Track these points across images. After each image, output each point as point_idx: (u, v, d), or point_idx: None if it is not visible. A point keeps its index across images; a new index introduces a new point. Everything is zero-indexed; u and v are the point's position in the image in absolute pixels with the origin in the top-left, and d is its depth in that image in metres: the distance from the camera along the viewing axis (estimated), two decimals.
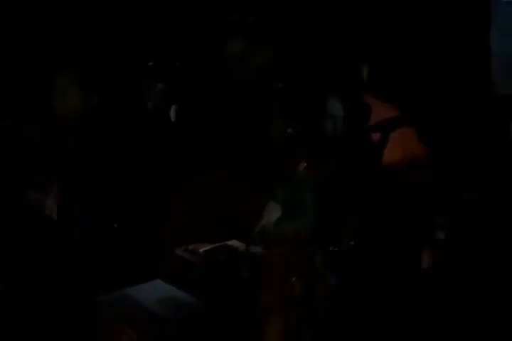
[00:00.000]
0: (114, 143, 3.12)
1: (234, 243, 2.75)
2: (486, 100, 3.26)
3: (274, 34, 3.49)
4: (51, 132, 3.11)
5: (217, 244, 2.73)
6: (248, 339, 2.33)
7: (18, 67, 3.50)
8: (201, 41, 3.73)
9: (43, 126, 3.14)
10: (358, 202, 2.73)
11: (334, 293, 2.42)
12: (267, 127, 3.12)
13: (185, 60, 3.74)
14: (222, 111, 3.34)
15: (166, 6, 3.74)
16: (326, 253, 2.50)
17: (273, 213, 2.77)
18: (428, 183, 2.89)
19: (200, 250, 2.69)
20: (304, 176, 2.77)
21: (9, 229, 2.94)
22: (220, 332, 2.30)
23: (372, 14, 3.52)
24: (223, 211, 2.97)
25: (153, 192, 3.11)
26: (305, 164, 2.75)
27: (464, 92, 3.30)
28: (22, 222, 2.98)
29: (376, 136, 2.95)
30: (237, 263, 2.56)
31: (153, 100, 3.49)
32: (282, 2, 3.59)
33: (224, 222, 2.92)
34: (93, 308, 2.46)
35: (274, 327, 2.28)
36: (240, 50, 3.36)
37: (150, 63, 3.58)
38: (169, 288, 2.50)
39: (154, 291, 2.47)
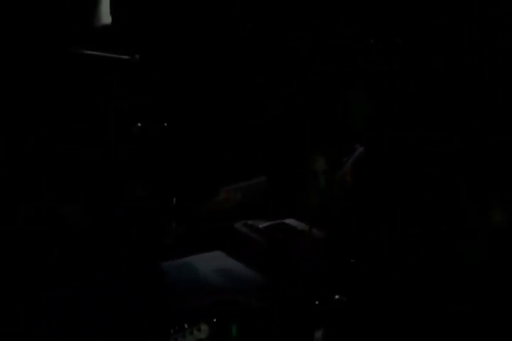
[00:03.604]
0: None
1: (291, 221, 2.78)
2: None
3: None
4: None
5: (275, 221, 2.75)
6: (300, 314, 2.37)
7: None
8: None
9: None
10: None
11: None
12: None
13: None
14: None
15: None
16: None
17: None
18: None
19: (259, 226, 2.72)
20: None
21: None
22: (272, 303, 2.33)
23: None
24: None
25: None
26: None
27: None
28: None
29: None
30: (293, 241, 2.61)
31: None
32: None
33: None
34: (154, 274, 2.49)
35: None
36: None
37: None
38: (228, 259, 2.53)
39: (213, 261, 2.51)
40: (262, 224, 2.79)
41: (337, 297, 2.54)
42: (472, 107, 3.24)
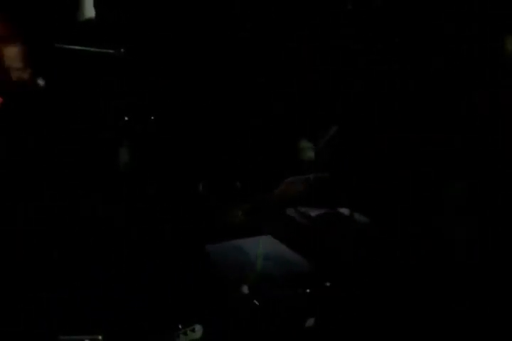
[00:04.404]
0: None
1: (345, 211, 2.79)
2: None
3: None
4: None
5: (328, 210, 2.75)
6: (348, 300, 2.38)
7: None
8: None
9: None
10: None
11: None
12: None
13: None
14: None
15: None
16: None
17: None
18: None
19: (312, 213, 2.71)
20: None
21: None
22: (321, 291, 2.33)
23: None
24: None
25: None
26: None
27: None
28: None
29: None
30: (342, 230, 2.61)
31: None
32: None
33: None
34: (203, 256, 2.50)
35: None
36: None
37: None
38: (278, 244, 2.53)
39: (263, 246, 2.53)
40: (314, 212, 2.77)
41: (328, 284, 2.54)
42: (472, 107, 3.24)
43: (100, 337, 2.39)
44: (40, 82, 2.69)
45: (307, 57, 3.76)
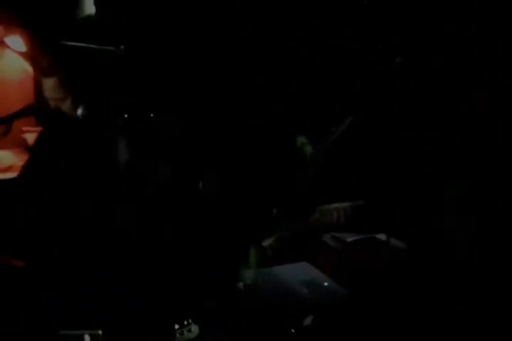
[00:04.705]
0: None
1: (382, 237, 2.76)
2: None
3: None
4: None
5: (365, 236, 2.74)
6: (385, 328, 2.38)
7: None
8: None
9: None
10: None
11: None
12: None
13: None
14: None
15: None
16: None
17: None
18: None
19: (348, 239, 2.70)
20: None
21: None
22: (359, 321, 2.33)
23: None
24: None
25: None
26: None
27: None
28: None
29: None
30: (381, 257, 2.59)
31: None
32: None
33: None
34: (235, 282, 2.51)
35: None
36: None
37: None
38: (314, 271, 2.54)
39: (299, 272, 2.54)
40: (350, 238, 2.75)
41: (326, 284, 2.54)
42: (472, 107, 3.24)
43: (100, 332, 2.40)
44: (79, 111, 2.72)
45: (307, 57, 3.76)
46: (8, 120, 2.73)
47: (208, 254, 2.79)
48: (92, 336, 2.39)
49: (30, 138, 3.59)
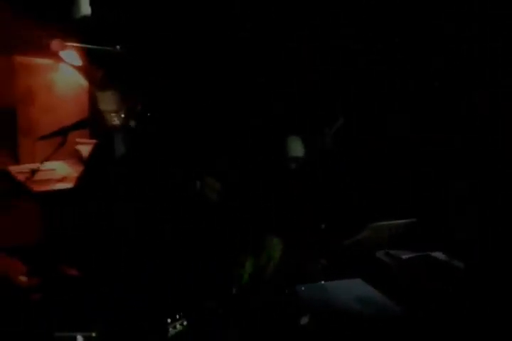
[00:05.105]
0: None
1: (438, 255, 2.73)
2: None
3: None
4: None
5: (420, 253, 2.72)
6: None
7: None
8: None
9: None
10: None
11: None
12: None
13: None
14: None
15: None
16: None
17: None
18: None
19: (402, 256, 2.69)
20: None
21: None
22: (412, 338, 2.31)
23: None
24: None
25: None
26: None
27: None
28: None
29: None
30: (436, 275, 2.55)
31: None
32: None
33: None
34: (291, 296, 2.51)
35: None
36: None
37: None
38: (368, 287, 2.54)
39: (353, 288, 2.52)
40: (405, 255, 2.73)
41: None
42: (472, 107, 3.24)
43: (94, 334, 2.39)
44: (132, 123, 2.75)
45: (307, 57, 3.76)
46: (64, 132, 2.76)
47: (207, 254, 2.78)
48: (85, 338, 2.39)
49: (84, 150, 3.66)
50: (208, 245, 2.85)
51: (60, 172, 3.67)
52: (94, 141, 3.20)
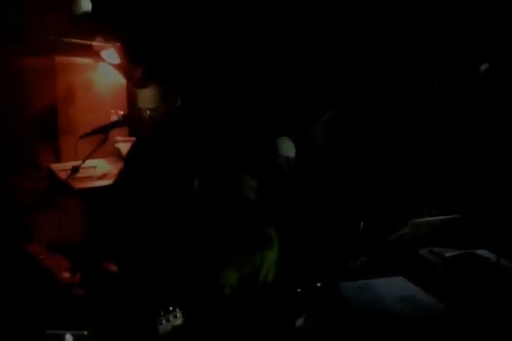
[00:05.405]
0: None
1: (483, 253, 2.67)
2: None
3: None
4: None
5: (465, 251, 2.67)
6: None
7: None
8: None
9: None
10: None
11: None
12: None
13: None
14: None
15: None
16: None
17: None
18: None
19: (446, 254, 2.65)
20: None
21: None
22: (456, 335, 2.29)
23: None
24: None
25: None
26: None
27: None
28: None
29: None
30: (481, 273, 2.52)
31: None
32: None
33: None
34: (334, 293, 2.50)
35: None
36: None
37: None
38: (410, 286, 2.51)
39: (395, 286, 2.49)
40: (449, 253, 2.67)
41: (319, 285, 2.51)
42: (472, 107, 3.24)
43: (85, 333, 2.38)
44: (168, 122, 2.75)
45: (307, 57, 3.76)
46: (104, 130, 2.77)
47: (207, 254, 2.78)
48: (76, 336, 2.38)
49: (124, 147, 3.68)
50: (208, 245, 2.85)
51: (100, 170, 3.74)
52: (133, 138, 3.20)
